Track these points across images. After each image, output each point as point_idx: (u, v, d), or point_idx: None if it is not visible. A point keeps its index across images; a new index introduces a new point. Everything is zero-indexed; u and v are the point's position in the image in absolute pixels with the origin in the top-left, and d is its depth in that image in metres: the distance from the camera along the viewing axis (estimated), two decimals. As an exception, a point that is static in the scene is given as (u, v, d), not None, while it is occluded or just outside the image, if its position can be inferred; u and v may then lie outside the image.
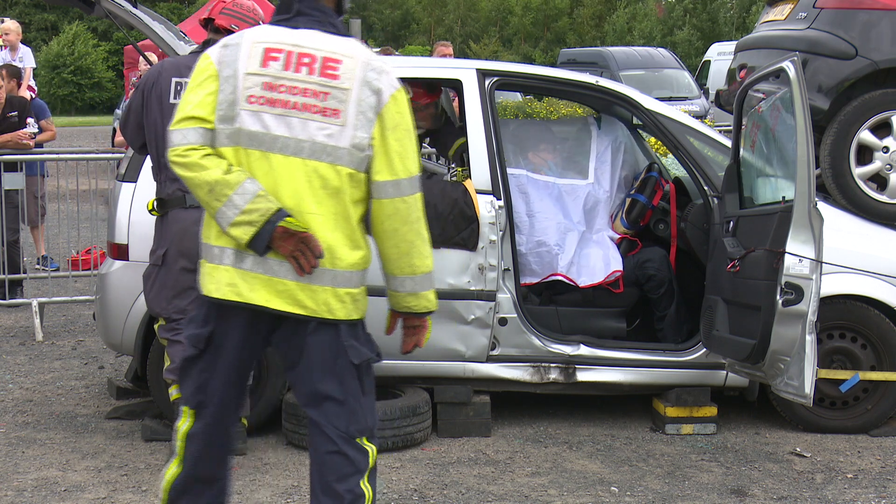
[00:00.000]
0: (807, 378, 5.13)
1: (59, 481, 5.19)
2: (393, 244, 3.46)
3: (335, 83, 3.34)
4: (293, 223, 3.31)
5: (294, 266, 3.33)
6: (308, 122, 3.33)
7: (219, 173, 3.30)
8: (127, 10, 6.08)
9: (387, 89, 3.36)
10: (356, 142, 3.33)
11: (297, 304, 3.37)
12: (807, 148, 5.13)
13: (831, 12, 6.28)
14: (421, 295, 3.55)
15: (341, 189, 3.35)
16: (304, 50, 3.36)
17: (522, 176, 6.39)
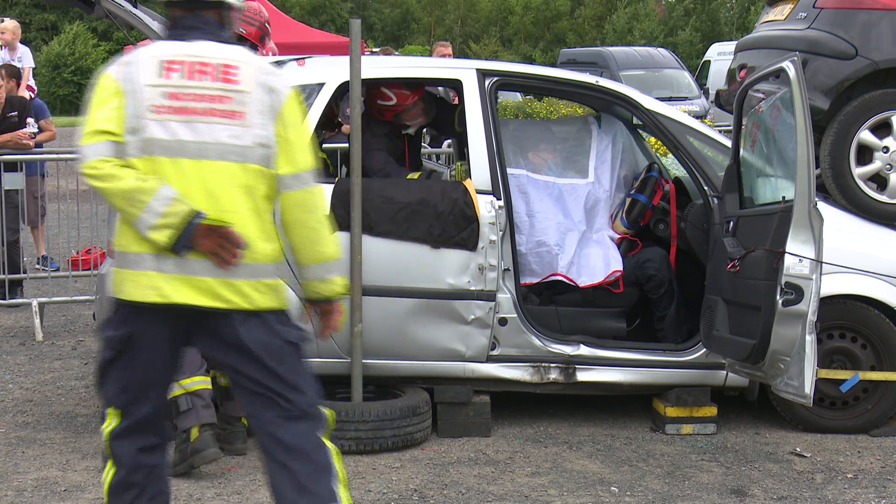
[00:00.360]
0: (807, 378, 5.13)
1: (59, 481, 5.19)
2: (301, 234, 3.65)
3: (235, 87, 3.54)
4: (214, 220, 3.47)
5: (216, 261, 3.49)
6: (214, 126, 3.51)
7: (134, 181, 3.45)
8: (127, 10, 6.08)
9: (283, 89, 3.59)
10: (260, 140, 3.53)
11: (219, 298, 3.51)
12: (807, 148, 5.13)
13: (831, 12, 6.28)
14: (331, 280, 3.73)
15: (251, 186, 3.54)
16: (201, 59, 3.56)
17: (522, 176, 6.39)
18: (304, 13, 49.68)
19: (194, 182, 3.50)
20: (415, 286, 5.82)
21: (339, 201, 5.76)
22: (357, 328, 5.70)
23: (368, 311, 5.75)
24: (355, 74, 5.70)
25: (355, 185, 5.68)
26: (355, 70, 5.70)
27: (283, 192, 3.61)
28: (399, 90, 6.32)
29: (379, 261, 5.77)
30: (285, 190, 3.60)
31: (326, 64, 6.32)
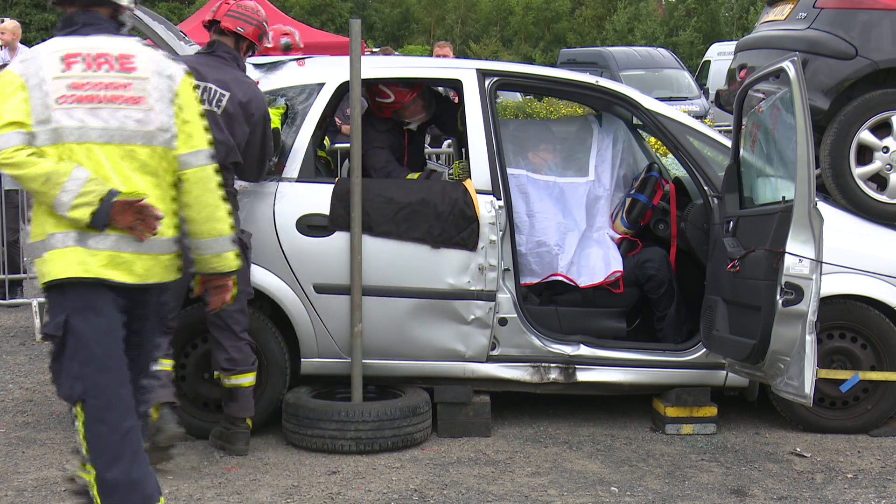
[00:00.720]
0: (807, 378, 5.13)
1: (59, 481, 5.19)
2: (198, 210, 3.87)
3: (134, 74, 3.78)
4: (129, 193, 3.68)
5: (135, 234, 3.70)
6: (117, 112, 3.74)
7: (49, 165, 3.64)
8: (127, 11, 6.07)
9: (177, 74, 3.85)
10: (161, 123, 3.78)
11: (134, 273, 3.74)
12: (807, 148, 5.13)
13: (831, 12, 6.28)
14: (225, 255, 3.95)
15: (156, 167, 3.78)
16: (99, 51, 3.78)
17: (522, 176, 6.39)
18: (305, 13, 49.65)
19: (104, 165, 3.71)
20: (415, 286, 5.83)
21: (339, 201, 5.77)
22: (357, 328, 5.70)
23: (368, 311, 5.75)
24: (355, 74, 5.70)
25: (355, 185, 5.68)
26: (355, 70, 5.70)
27: (183, 170, 3.83)
28: (397, 88, 6.32)
29: (379, 261, 5.77)
30: (184, 168, 3.83)
31: (326, 64, 6.32)
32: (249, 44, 5.64)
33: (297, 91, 5.99)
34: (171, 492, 5.05)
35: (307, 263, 5.81)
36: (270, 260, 5.80)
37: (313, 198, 5.84)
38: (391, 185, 5.99)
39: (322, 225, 5.80)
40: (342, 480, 5.22)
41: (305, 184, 5.88)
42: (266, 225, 5.81)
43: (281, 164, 5.89)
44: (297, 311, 5.83)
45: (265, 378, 5.84)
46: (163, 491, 5.04)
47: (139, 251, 3.72)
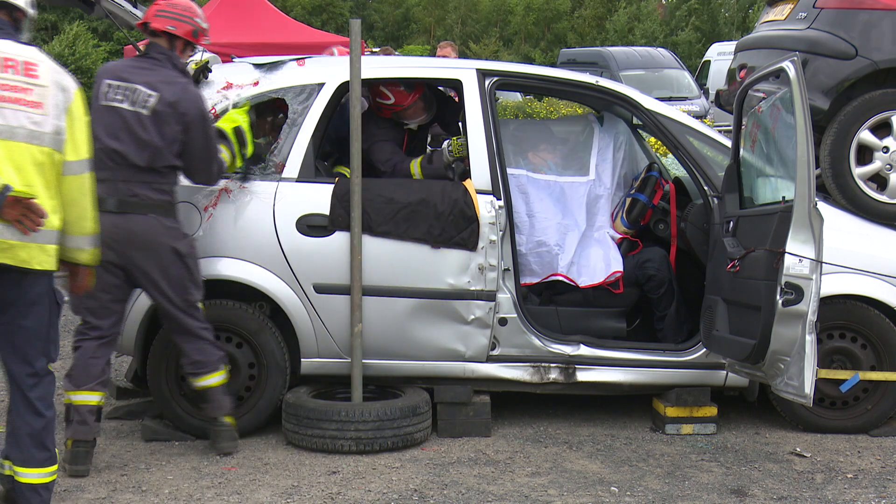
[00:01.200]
0: (807, 378, 5.13)
1: (59, 481, 5.19)
2: (74, 210, 4.34)
3: (36, 81, 4.19)
4: (22, 192, 4.09)
5: (20, 228, 4.11)
6: (18, 113, 4.15)
7: None
8: (127, 10, 6.09)
9: (71, 87, 4.29)
10: (55, 128, 4.21)
11: (17, 258, 4.16)
12: (807, 148, 5.13)
13: (831, 12, 6.28)
14: (87, 250, 4.48)
15: (46, 166, 4.20)
16: (6, 55, 4.18)
17: (522, 176, 6.39)
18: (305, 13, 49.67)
19: (4, 159, 4.11)
20: (415, 286, 5.83)
21: (339, 201, 5.77)
22: (357, 328, 5.70)
23: (368, 311, 5.75)
24: (355, 74, 5.70)
25: (355, 185, 5.68)
26: (355, 70, 5.70)
27: (66, 175, 4.28)
28: (397, 90, 6.32)
29: (379, 261, 5.78)
30: (68, 173, 4.28)
31: (326, 64, 6.33)
32: (186, 42, 5.55)
33: (297, 91, 5.99)
34: (171, 492, 5.05)
35: (307, 263, 5.81)
36: (270, 260, 5.80)
37: (313, 198, 5.84)
38: (391, 185, 5.99)
39: (322, 225, 5.80)
40: (342, 480, 5.22)
41: (305, 184, 5.88)
42: (266, 225, 5.81)
43: (281, 164, 5.89)
44: (297, 311, 5.83)
45: (265, 378, 5.84)
46: (163, 491, 5.07)
47: (24, 240, 4.14)
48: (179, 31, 5.47)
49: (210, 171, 5.53)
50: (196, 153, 5.43)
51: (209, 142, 5.46)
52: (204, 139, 5.43)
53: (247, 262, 5.81)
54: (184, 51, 5.57)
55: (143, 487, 5.11)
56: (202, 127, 5.42)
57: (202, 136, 5.42)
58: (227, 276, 5.82)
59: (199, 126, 5.41)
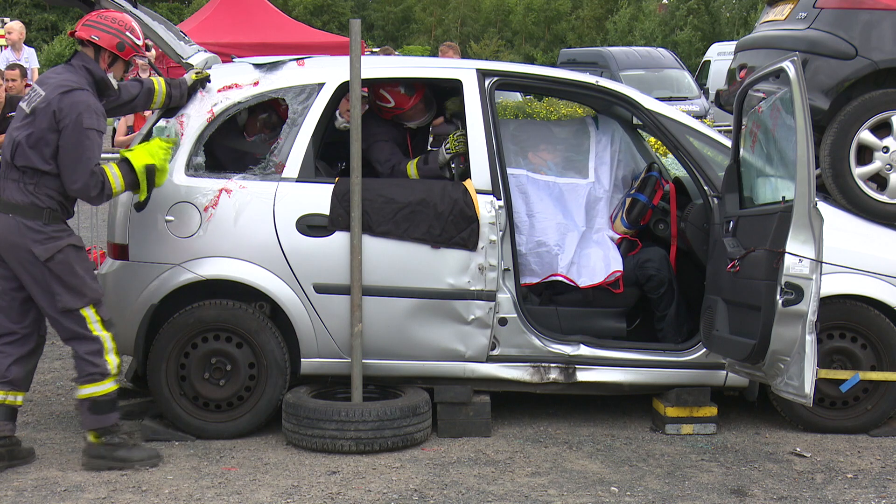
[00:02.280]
0: (807, 378, 5.13)
1: (59, 481, 5.19)
2: None
3: None
4: None
5: None
6: None
7: None
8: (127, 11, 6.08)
9: None
10: None
11: None
12: (807, 148, 5.13)
13: (831, 12, 6.28)
14: None
15: None
16: None
17: (522, 176, 6.39)
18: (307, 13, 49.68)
19: None
20: (415, 286, 5.83)
21: (339, 201, 5.77)
22: (357, 328, 5.70)
23: (368, 311, 5.75)
24: (355, 74, 5.70)
25: (355, 185, 5.68)
26: (355, 70, 5.70)
27: None
28: (397, 93, 6.32)
29: (379, 261, 5.78)
30: None
31: (326, 64, 6.32)
32: (112, 55, 5.46)
33: (297, 91, 5.99)
34: (170, 492, 5.05)
35: (307, 263, 5.81)
36: (270, 260, 5.81)
37: (313, 198, 5.84)
38: (391, 185, 5.99)
39: (322, 225, 5.80)
40: (342, 480, 5.22)
41: (305, 184, 5.88)
42: (266, 225, 5.81)
43: (281, 164, 5.89)
44: (297, 311, 5.83)
45: (265, 378, 5.84)
46: (163, 491, 5.07)
47: None
48: (103, 42, 5.42)
49: (82, 184, 5.26)
50: (64, 161, 5.24)
51: (79, 154, 5.23)
52: (74, 149, 5.22)
53: (247, 262, 5.81)
54: (111, 64, 5.49)
55: (143, 487, 5.11)
56: (74, 136, 5.21)
57: (72, 146, 5.21)
58: (227, 276, 5.82)
59: (70, 134, 5.21)
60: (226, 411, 5.86)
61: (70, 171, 5.25)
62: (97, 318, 5.34)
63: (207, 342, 5.84)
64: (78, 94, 5.28)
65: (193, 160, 5.88)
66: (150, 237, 5.83)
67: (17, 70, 10.18)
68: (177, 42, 6.17)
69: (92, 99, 5.33)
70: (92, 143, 5.27)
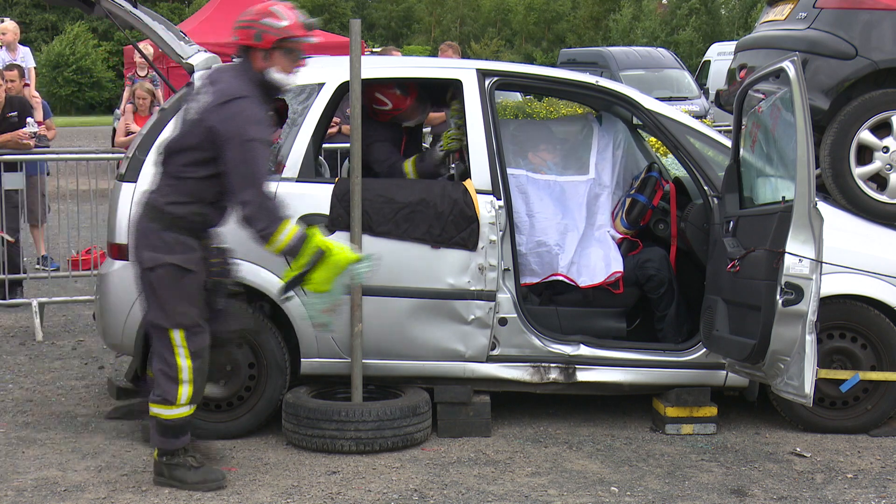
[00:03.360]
0: (807, 378, 5.13)
1: (59, 481, 5.20)
2: None
3: None
4: None
5: None
6: None
7: None
8: (127, 10, 6.08)
9: None
10: None
11: None
12: (807, 148, 5.13)
13: (831, 12, 6.28)
14: None
15: None
16: None
17: (522, 176, 6.39)
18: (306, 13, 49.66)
19: None
20: (415, 286, 5.82)
21: (339, 201, 5.77)
22: (357, 328, 5.70)
23: (368, 311, 5.75)
24: (355, 74, 5.70)
25: (355, 185, 5.68)
26: (355, 70, 5.70)
27: None
28: (393, 94, 6.32)
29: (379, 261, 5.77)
30: None
31: (326, 64, 6.32)
32: (263, 50, 5.04)
33: (297, 91, 5.99)
34: (170, 492, 5.05)
35: (307, 263, 5.80)
36: (270, 260, 5.80)
37: (313, 198, 5.84)
38: (391, 185, 5.99)
39: (322, 225, 5.80)
40: (342, 480, 5.22)
41: (305, 184, 5.88)
42: (266, 225, 5.80)
43: (281, 164, 5.89)
44: (297, 311, 5.83)
45: (265, 378, 5.84)
46: (163, 491, 5.07)
47: None
48: (242, 40, 5.06)
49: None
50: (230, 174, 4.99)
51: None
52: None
53: (247, 262, 5.80)
54: (266, 59, 5.02)
55: (143, 487, 5.11)
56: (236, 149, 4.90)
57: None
58: (227, 276, 5.82)
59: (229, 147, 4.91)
60: (226, 411, 5.85)
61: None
62: (183, 344, 5.00)
63: (207, 342, 5.83)
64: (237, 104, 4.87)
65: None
66: (150, 237, 5.81)
67: (16, 70, 10.21)
68: (177, 42, 6.17)
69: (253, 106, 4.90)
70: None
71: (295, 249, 4.89)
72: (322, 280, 4.93)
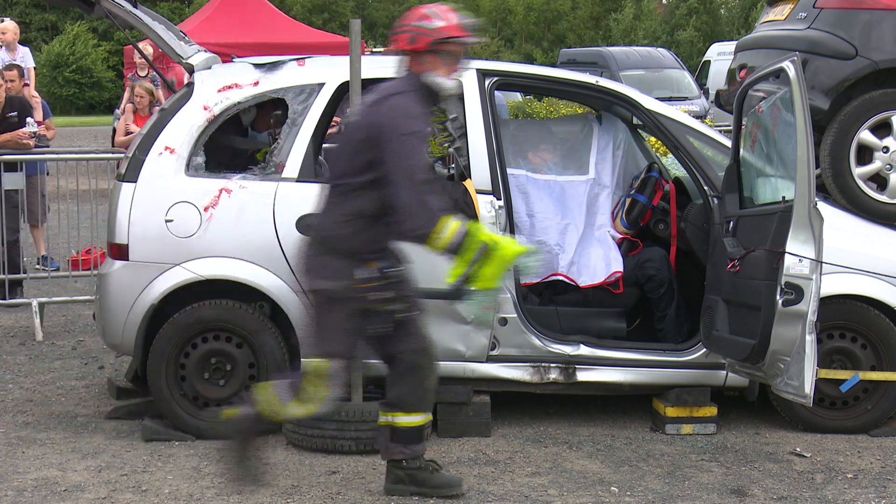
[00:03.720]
0: (807, 378, 5.13)
1: (59, 481, 5.20)
2: None
3: None
4: None
5: None
6: None
7: None
8: (127, 10, 6.08)
9: None
10: None
11: None
12: (807, 148, 5.13)
13: (831, 12, 6.28)
14: None
15: None
16: None
17: (522, 176, 6.39)
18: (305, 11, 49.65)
19: None
20: (415, 286, 5.81)
21: (339, 201, 5.76)
22: (357, 328, 5.69)
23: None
24: (355, 74, 5.70)
25: (355, 185, 5.67)
26: (355, 70, 5.70)
27: None
28: None
29: None
30: None
31: (326, 64, 6.32)
32: (426, 53, 4.74)
33: (297, 91, 5.99)
34: (170, 492, 5.05)
35: (307, 263, 5.79)
36: (270, 260, 5.80)
37: (313, 198, 5.82)
38: (391, 185, 5.98)
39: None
40: (342, 480, 5.22)
41: (305, 184, 5.88)
42: (266, 225, 5.81)
43: (281, 164, 5.89)
44: (297, 311, 5.82)
45: (265, 378, 5.83)
46: (163, 491, 5.07)
47: None
48: (400, 45, 4.81)
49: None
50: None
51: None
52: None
53: (247, 262, 5.81)
54: (424, 63, 4.75)
55: (143, 487, 5.11)
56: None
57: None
58: (228, 276, 5.82)
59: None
60: (226, 411, 5.85)
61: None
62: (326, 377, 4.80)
63: (207, 342, 5.84)
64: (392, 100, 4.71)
65: (193, 160, 5.88)
66: (150, 237, 5.82)
67: (16, 70, 10.21)
68: (177, 42, 6.17)
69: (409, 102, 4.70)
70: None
71: (458, 246, 4.67)
72: (490, 276, 4.71)
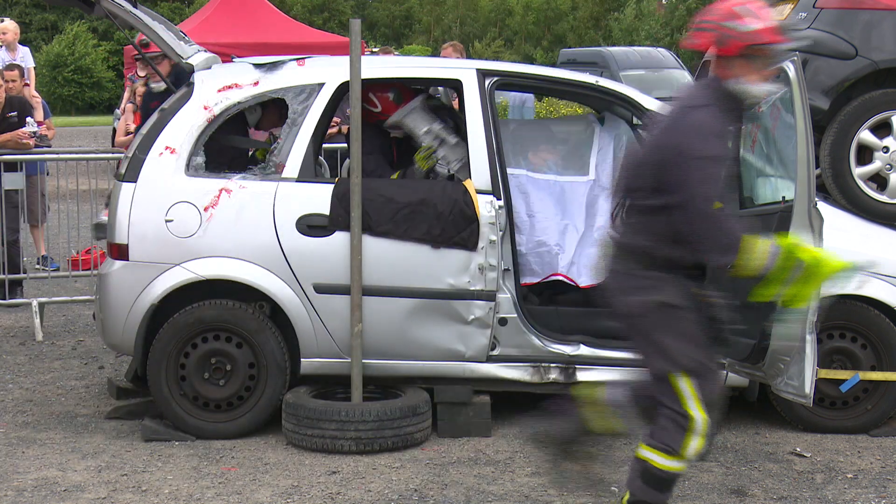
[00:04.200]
0: (807, 378, 5.13)
1: (59, 481, 5.20)
2: None
3: None
4: None
5: None
6: None
7: None
8: (127, 10, 6.08)
9: None
10: None
11: None
12: (807, 148, 5.13)
13: (831, 12, 6.28)
14: None
15: None
16: None
17: (522, 176, 6.39)
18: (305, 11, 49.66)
19: None
20: (415, 286, 5.82)
21: (339, 201, 5.77)
22: (357, 328, 5.70)
23: (368, 311, 5.75)
24: (355, 74, 5.71)
25: (355, 185, 5.68)
26: (355, 70, 5.70)
27: None
28: (385, 99, 6.31)
29: (379, 261, 5.77)
30: None
31: (326, 64, 6.32)
32: (736, 58, 4.22)
33: (297, 91, 5.99)
34: (170, 492, 5.06)
35: (307, 263, 5.81)
36: (270, 260, 5.81)
37: (313, 198, 5.84)
38: (391, 185, 5.99)
39: (322, 225, 5.80)
40: (342, 480, 5.22)
41: (305, 184, 5.88)
42: (266, 225, 5.81)
43: (281, 164, 5.89)
44: (297, 311, 5.83)
45: (265, 378, 5.84)
46: (163, 491, 5.08)
47: None
48: (703, 45, 4.34)
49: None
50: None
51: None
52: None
53: (247, 262, 5.81)
54: (730, 67, 4.24)
55: (143, 487, 5.12)
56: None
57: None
58: (228, 276, 5.82)
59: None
60: (226, 411, 5.86)
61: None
62: (692, 393, 4.25)
63: (207, 342, 5.84)
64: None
65: (193, 160, 5.88)
66: (150, 237, 5.82)
67: (16, 70, 10.22)
68: (177, 42, 6.17)
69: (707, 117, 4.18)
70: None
71: (769, 269, 4.30)
72: (808, 295, 4.34)
